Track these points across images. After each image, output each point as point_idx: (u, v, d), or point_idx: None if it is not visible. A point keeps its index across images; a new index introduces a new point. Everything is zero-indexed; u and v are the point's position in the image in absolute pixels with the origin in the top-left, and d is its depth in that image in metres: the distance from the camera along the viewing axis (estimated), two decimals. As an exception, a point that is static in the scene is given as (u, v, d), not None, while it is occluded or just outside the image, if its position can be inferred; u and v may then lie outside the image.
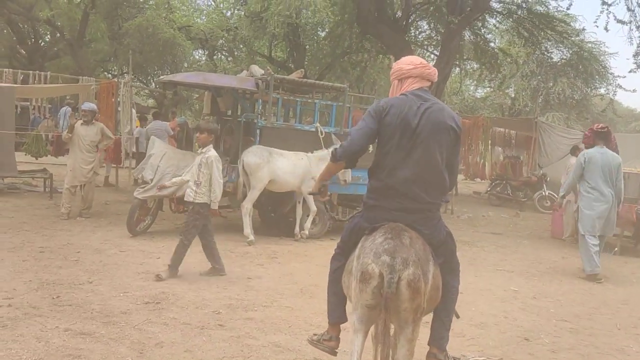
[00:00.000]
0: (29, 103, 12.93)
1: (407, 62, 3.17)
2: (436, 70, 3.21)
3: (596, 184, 7.29)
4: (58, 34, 20.41)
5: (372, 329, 3.22)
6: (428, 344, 3.22)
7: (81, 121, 8.73)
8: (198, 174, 5.79)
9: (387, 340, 3.22)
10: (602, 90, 18.16)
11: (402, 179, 2.99)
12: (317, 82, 9.40)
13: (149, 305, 4.90)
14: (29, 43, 21.03)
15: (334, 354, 3.26)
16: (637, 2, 12.53)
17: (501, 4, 14.94)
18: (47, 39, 22.12)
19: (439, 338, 3.18)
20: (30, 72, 12.13)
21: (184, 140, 13.94)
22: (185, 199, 6.03)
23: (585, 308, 5.81)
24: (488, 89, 26.88)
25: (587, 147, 7.69)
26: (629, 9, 12.95)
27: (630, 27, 12.99)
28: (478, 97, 30.04)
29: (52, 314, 4.47)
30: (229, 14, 22.06)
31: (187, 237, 5.84)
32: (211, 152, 5.84)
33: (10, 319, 4.27)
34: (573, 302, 6.01)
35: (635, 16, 12.94)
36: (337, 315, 3.23)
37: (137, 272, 5.89)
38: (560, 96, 20.41)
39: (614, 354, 4.52)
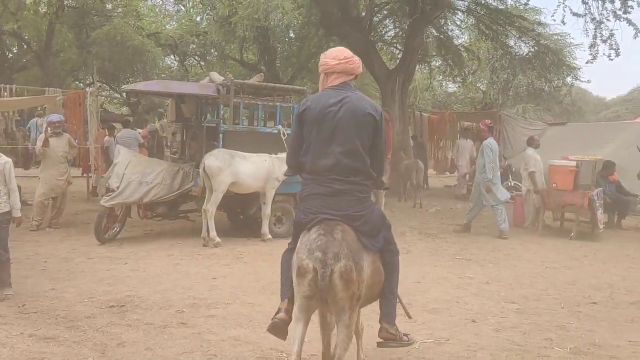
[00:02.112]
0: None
1: (332, 57, 3.32)
2: (360, 64, 3.37)
3: (497, 166, 9.46)
4: (25, 46, 20.36)
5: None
6: (379, 322, 3.45)
7: (50, 133, 8.81)
8: None
9: (326, 328, 3.48)
10: (567, 81, 18.67)
11: (325, 167, 3.20)
12: (277, 85, 9.61)
13: (114, 309, 5.07)
14: (-4, 56, 20.91)
15: (286, 327, 3.33)
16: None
17: (462, 2, 15.33)
18: (15, 51, 21.99)
19: (387, 314, 3.42)
20: (-5, 85, 12.14)
21: (155, 148, 14.08)
22: None
23: (534, 290, 6.12)
24: (458, 84, 27.41)
25: (482, 139, 9.60)
26: (584, 2, 13.40)
27: (585, 20, 13.45)
28: (450, 92, 30.56)
29: (18, 322, 4.62)
30: (199, 19, 22.17)
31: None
32: (6, 158, 5.49)
33: (-23, 329, 4.42)
34: (523, 285, 6.32)
35: (590, 9, 13.40)
36: (287, 294, 3.35)
37: (103, 278, 6.05)
38: (529, 88, 20.95)
39: (554, 330, 4.82)
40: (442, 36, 16.47)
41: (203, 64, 23.93)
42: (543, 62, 16.28)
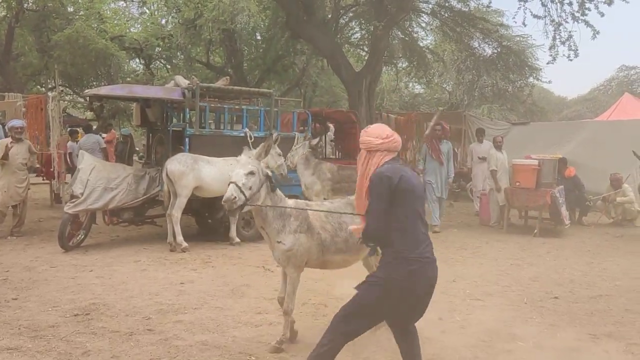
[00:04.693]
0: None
1: (375, 135, 3.27)
2: (400, 141, 3.33)
3: None
4: (-17, 50, 19.74)
5: None
6: None
7: (10, 140, 8.58)
8: None
9: None
10: (529, 81, 19.09)
11: (424, 236, 3.32)
12: (243, 88, 9.59)
13: (78, 317, 4.98)
14: (-47, 60, 20.23)
15: None
16: (550, -3, 13.31)
17: (425, 4, 15.55)
18: (-28, 56, 21.32)
19: None
20: (-48, 91, 11.79)
21: (126, 153, 13.79)
22: None
23: (498, 287, 6.27)
24: (423, 85, 27.76)
25: (444, 139, 10.25)
26: (543, 4, 13.77)
27: (545, 22, 13.81)
28: (416, 93, 30.93)
29: (-21, 333, 4.50)
30: (164, 21, 21.89)
31: None
32: None
33: None
34: (488, 282, 6.46)
35: (549, 11, 13.77)
36: None
37: (67, 286, 5.93)
38: (493, 88, 21.37)
39: (517, 325, 4.95)
40: (407, 38, 16.67)
41: (169, 67, 23.61)
42: (506, 62, 16.65)
